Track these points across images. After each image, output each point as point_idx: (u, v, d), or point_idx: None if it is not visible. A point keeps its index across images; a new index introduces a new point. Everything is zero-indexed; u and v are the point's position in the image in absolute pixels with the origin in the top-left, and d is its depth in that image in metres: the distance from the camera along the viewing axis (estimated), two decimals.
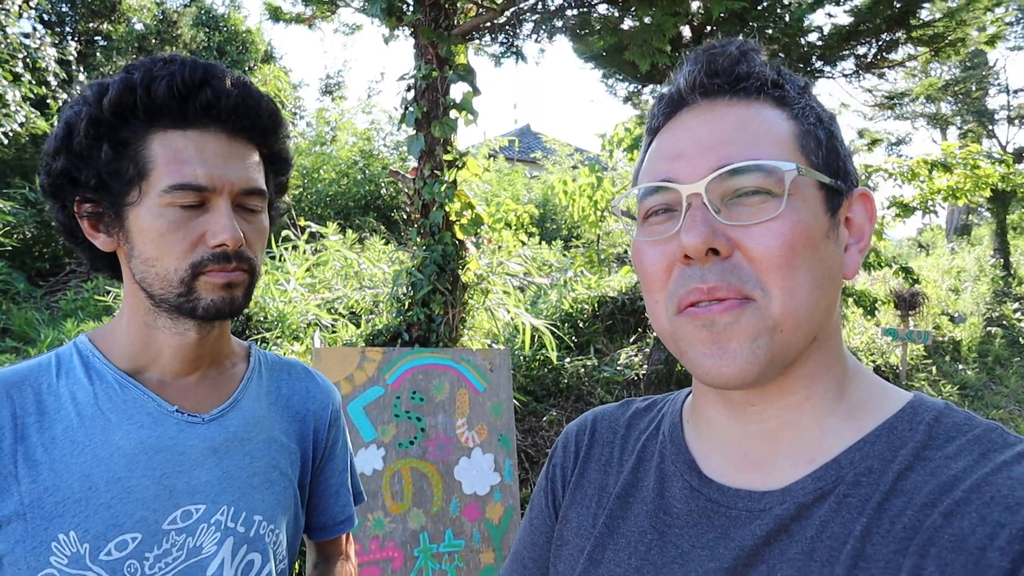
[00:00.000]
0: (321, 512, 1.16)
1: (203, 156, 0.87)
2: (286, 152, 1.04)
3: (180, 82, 0.86)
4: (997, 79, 17.53)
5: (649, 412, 0.83)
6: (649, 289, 0.66)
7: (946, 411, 0.61)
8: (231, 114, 0.90)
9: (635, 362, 5.79)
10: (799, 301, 0.59)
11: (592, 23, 3.78)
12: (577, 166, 11.48)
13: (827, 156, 0.64)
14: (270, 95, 0.98)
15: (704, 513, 0.66)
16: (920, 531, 0.52)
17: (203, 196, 0.87)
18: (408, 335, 4.03)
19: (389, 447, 3.07)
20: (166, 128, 0.87)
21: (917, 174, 7.17)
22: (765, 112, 0.64)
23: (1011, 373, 9.81)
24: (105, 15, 10.03)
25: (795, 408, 0.64)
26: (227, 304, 0.91)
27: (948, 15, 4.66)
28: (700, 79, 0.65)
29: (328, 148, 9.99)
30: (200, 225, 0.87)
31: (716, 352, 0.59)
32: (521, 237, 6.76)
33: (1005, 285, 13.92)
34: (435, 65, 3.88)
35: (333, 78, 15.10)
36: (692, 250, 0.59)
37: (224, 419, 0.98)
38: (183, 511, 0.91)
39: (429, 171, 4.02)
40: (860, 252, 0.67)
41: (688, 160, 0.63)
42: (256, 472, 0.98)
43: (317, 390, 1.14)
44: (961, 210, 20.54)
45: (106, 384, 0.91)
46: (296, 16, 4.55)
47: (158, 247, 0.87)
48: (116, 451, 0.88)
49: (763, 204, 0.59)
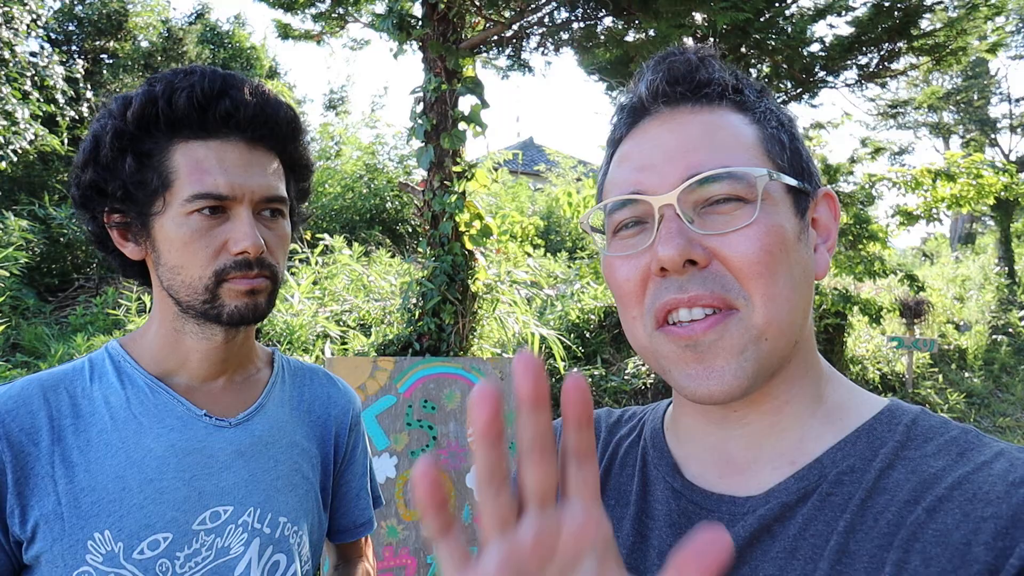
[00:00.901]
0: (342, 515, 1.18)
1: (224, 165, 0.89)
2: (306, 158, 1.06)
3: (200, 93, 0.88)
4: (999, 88, 17.63)
5: (630, 421, 0.82)
6: (625, 305, 0.65)
7: (922, 415, 0.62)
8: (250, 123, 0.92)
9: (642, 371, 5.80)
10: (781, 307, 0.59)
11: (597, 36, 3.84)
12: (580, 178, 11.54)
13: (791, 158, 0.65)
14: (292, 107, 1.01)
15: (685, 514, 0.65)
16: (903, 527, 0.53)
17: (224, 204, 0.90)
18: (419, 345, 4.06)
19: (402, 455, 3.09)
20: (187, 139, 0.90)
21: (921, 183, 7.21)
22: (728, 118, 0.64)
23: (1017, 381, 9.77)
24: (111, 33, 10.16)
25: (776, 412, 0.64)
26: (251, 310, 0.93)
27: (949, 24, 4.71)
28: (662, 87, 0.65)
29: (333, 162, 10.04)
30: (223, 233, 0.90)
31: (703, 372, 0.59)
32: (527, 249, 6.79)
33: (1010, 293, 13.90)
34: (444, 78, 3.94)
35: (337, 93, 15.23)
36: (669, 262, 0.58)
37: (250, 423, 1.00)
38: (212, 512, 0.93)
39: (439, 182, 4.06)
40: (828, 251, 0.67)
41: (656, 170, 0.62)
42: (280, 475, 1.00)
43: (338, 395, 1.16)
44: (965, 219, 20.54)
45: (137, 388, 0.94)
46: (305, 33, 4.63)
47: (183, 255, 0.90)
48: (148, 453, 0.90)
49: (737, 211, 0.59)
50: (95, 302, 5.90)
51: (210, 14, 12.82)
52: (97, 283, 6.69)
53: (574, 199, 8.24)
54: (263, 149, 0.95)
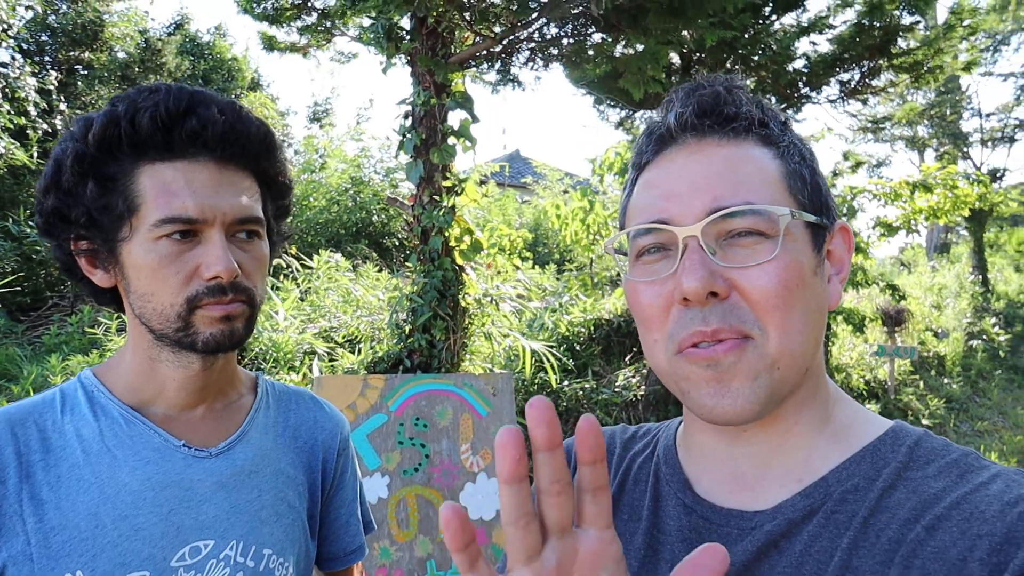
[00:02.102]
0: (331, 542, 1.15)
1: (192, 187, 0.85)
2: (284, 175, 1.01)
3: (164, 112, 0.84)
4: (970, 103, 18.07)
5: (645, 437, 0.84)
6: (647, 328, 0.67)
7: (925, 437, 0.64)
8: (219, 141, 0.87)
9: (633, 383, 5.80)
10: (794, 339, 0.61)
11: (587, 51, 3.87)
12: (567, 190, 11.57)
13: (812, 194, 0.67)
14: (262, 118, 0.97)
15: (695, 529, 0.67)
16: (904, 544, 0.55)
17: (195, 228, 0.85)
18: (410, 361, 4.02)
19: (394, 475, 3.04)
20: (154, 160, 0.85)
21: (900, 195, 7.34)
22: (753, 152, 0.66)
23: (993, 386, 9.96)
24: (87, 44, 9.97)
25: (785, 432, 0.66)
26: (227, 337, 0.89)
27: (926, 43, 4.82)
28: (691, 120, 0.67)
29: (318, 175, 9.97)
30: (194, 258, 0.86)
31: (719, 391, 0.61)
32: (515, 262, 6.79)
33: (984, 301, 14.19)
34: (433, 92, 3.93)
35: (321, 105, 15.14)
36: (693, 294, 0.60)
37: (231, 452, 0.96)
38: (192, 547, 0.89)
39: (428, 197, 4.04)
40: (841, 283, 0.69)
41: (681, 200, 0.64)
42: (264, 505, 0.97)
43: (325, 419, 1.13)
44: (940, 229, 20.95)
45: (111, 420, 0.90)
46: (291, 45, 4.59)
47: (152, 282, 0.86)
48: (122, 488, 0.86)
49: (757, 245, 0.61)
50: (70, 321, 5.75)
51: (190, 24, 12.63)
52: (72, 302, 6.52)
53: (562, 211, 8.27)
54: (235, 168, 0.90)
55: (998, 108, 18.13)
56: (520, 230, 7.85)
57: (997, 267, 16.91)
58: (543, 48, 3.95)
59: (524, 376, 5.05)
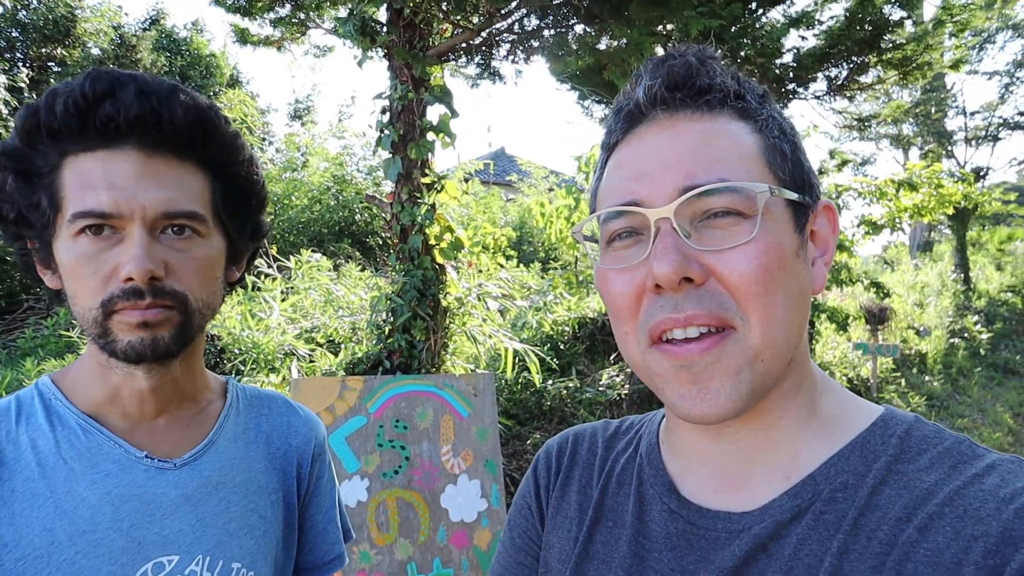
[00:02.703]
0: (309, 551, 1.08)
1: (110, 179, 0.77)
2: (238, 162, 0.89)
3: (80, 97, 0.75)
4: (955, 101, 18.27)
5: (627, 434, 0.81)
6: (618, 319, 0.63)
7: (916, 424, 0.61)
8: (137, 127, 0.77)
9: (617, 382, 5.76)
10: (777, 328, 0.58)
11: (569, 43, 3.80)
12: (552, 188, 11.52)
13: (793, 170, 0.63)
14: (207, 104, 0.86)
15: (683, 535, 0.65)
16: (896, 546, 0.52)
17: (111, 223, 0.77)
18: (389, 362, 3.93)
19: (373, 477, 2.99)
20: (77, 152, 0.78)
21: (885, 193, 7.36)
22: (729, 126, 0.62)
23: (973, 383, 10.07)
24: (59, 40, 9.76)
25: (769, 427, 0.63)
26: (148, 347, 0.79)
27: (915, 39, 4.81)
28: (660, 93, 0.62)
29: (299, 174, 9.86)
30: (113, 257, 0.77)
31: (696, 393, 0.58)
32: (499, 260, 6.72)
33: (966, 299, 14.36)
34: (411, 86, 3.84)
35: (303, 102, 14.96)
36: (664, 280, 0.56)
37: (197, 463, 0.91)
38: (154, 563, 0.84)
39: (407, 195, 3.95)
40: (826, 265, 0.65)
41: (652, 181, 0.60)
42: (233, 518, 0.92)
43: (299, 424, 1.07)
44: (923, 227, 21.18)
45: (68, 430, 0.84)
46: (265, 39, 4.48)
47: (73, 283, 0.79)
48: (80, 502, 0.81)
49: (735, 226, 0.58)
50: (46, 324, 5.63)
51: (166, 20, 12.42)
52: (48, 304, 6.37)
53: (546, 209, 8.22)
54: (166, 157, 0.80)
55: (982, 106, 18.37)
56: (504, 228, 7.78)
57: (979, 265, 17.10)
58: (524, 40, 3.87)
59: (506, 376, 4.98)
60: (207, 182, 0.86)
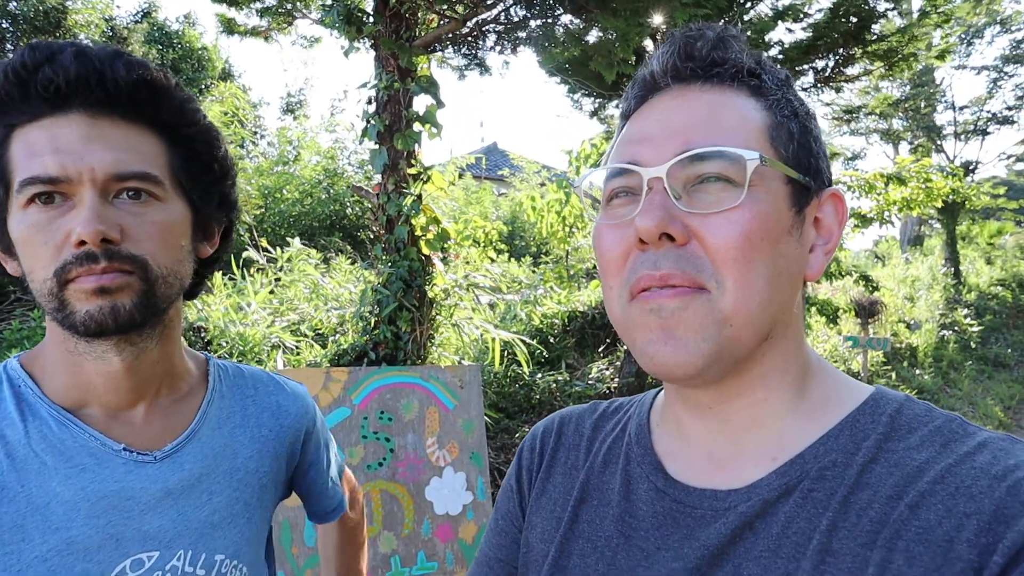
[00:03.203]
0: (314, 504, 1.16)
1: (55, 144, 0.74)
2: (191, 125, 0.86)
3: (19, 66, 0.73)
4: (944, 96, 18.31)
5: (616, 415, 0.81)
6: (605, 273, 0.65)
7: (907, 403, 0.61)
8: (76, 88, 0.74)
9: (606, 376, 5.78)
10: (752, 296, 0.57)
11: (556, 34, 3.78)
12: (544, 183, 11.51)
13: (798, 151, 0.62)
14: (150, 64, 0.82)
15: (670, 514, 0.65)
16: (887, 524, 0.52)
17: (60, 189, 0.74)
18: (375, 354, 3.92)
19: (357, 469, 2.97)
20: (24, 124, 0.75)
21: (874, 187, 7.38)
22: (738, 100, 0.62)
23: (964, 377, 10.14)
24: (49, 31, 9.67)
25: (755, 407, 0.63)
26: (108, 315, 0.75)
27: (901, 31, 4.83)
28: (674, 63, 0.64)
29: (291, 167, 9.81)
30: (64, 224, 0.74)
31: (662, 338, 0.58)
32: (490, 254, 6.71)
33: (956, 292, 14.43)
34: (396, 76, 3.82)
35: (295, 96, 14.87)
36: (645, 233, 0.57)
37: (179, 455, 0.87)
38: (133, 560, 0.81)
39: (393, 185, 3.93)
40: (826, 254, 0.65)
41: (654, 144, 0.61)
42: (217, 509, 0.89)
43: (289, 402, 1.04)
44: (914, 221, 21.25)
45: (40, 420, 0.80)
46: (252, 29, 4.44)
47: (27, 257, 0.76)
48: (54, 498, 0.78)
49: (723, 192, 0.58)
50: (33, 316, 5.60)
51: (158, 13, 12.34)
52: None
53: (538, 203, 8.20)
54: (113, 119, 0.78)
55: (971, 101, 18.41)
56: (495, 222, 7.77)
57: (969, 259, 17.18)
58: (510, 31, 3.86)
59: (494, 368, 4.98)
60: (162, 146, 0.82)
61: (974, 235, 18.64)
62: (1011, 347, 12.52)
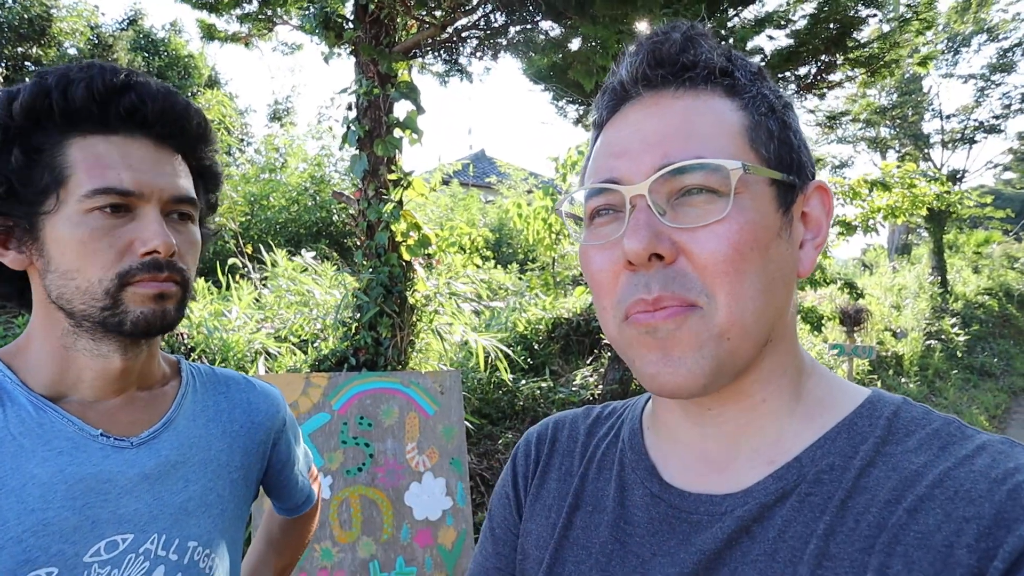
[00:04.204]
0: (286, 499, 1.20)
1: (128, 161, 0.83)
2: (216, 166, 1.00)
3: (100, 85, 0.82)
4: (931, 105, 18.51)
5: (609, 419, 0.80)
6: (598, 295, 0.64)
7: (904, 405, 0.60)
8: (157, 119, 0.86)
9: (590, 382, 5.77)
10: (746, 308, 0.56)
11: (537, 41, 3.79)
12: (532, 190, 11.54)
13: (779, 148, 0.61)
14: (201, 110, 0.95)
15: (665, 520, 0.64)
16: (885, 529, 0.51)
17: (129, 201, 0.82)
18: (355, 359, 3.90)
19: (336, 475, 2.96)
20: (86, 134, 0.82)
21: (859, 193, 7.43)
22: (713, 103, 0.61)
23: (949, 385, 10.19)
24: (34, 39, 9.65)
25: (751, 411, 0.62)
26: (158, 318, 0.84)
27: (882, 37, 4.87)
28: (643, 70, 0.62)
29: (277, 175, 9.81)
30: (127, 233, 0.82)
31: (660, 360, 0.57)
32: (476, 261, 6.70)
33: (943, 301, 14.54)
34: (376, 82, 3.82)
35: (281, 104, 14.88)
36: (634, 256, 0.56)
37: (156, 442, 0.90)
38: (108, 542, 0.83)
39: (373, 191, 3.93)
40: (816, 248, 0.64)
41: (631, 158, 0.60)
42: (191, 497, 0.92)
43: (260, 400, 1.08)
44: (901, 230, 21.44)
45: (18, 406, 0.83)
46: (232, 35, 4.44)
47: (80, 257, 0.81)
48: (30, 480, 0.80)
49: (709, 204, 0.57)
50: (17, 323, 5.55)
51: (144, 20, 12.35)
52: None
53: (524, 210, 8.21)
54: (170, 150, 0.89)
55: (958, 110, 18.62)
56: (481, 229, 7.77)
57: (956, 268, 17.34)
58: (490, 37, 3.87)
59: (479, 374, 4.96)
60: (193, 175, 0.94)
61: (961, 244, 18.82)
62: (997, 356, 12.61)
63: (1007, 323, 14.81)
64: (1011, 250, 19.96)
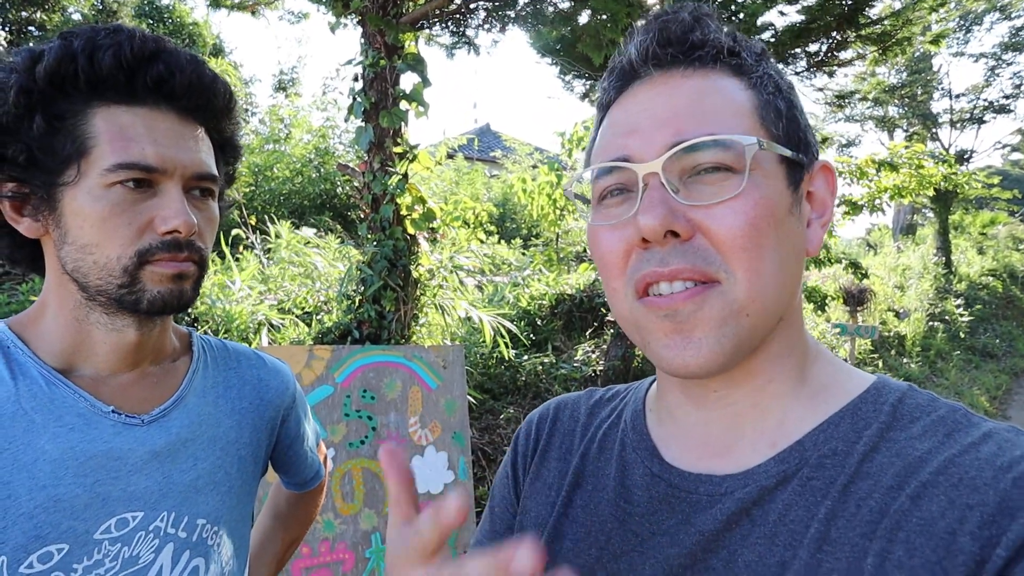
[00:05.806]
0: (295, 475, 1.20)
1: (153, 135, 0.81)
2: (237, 139, 0.98)
3: (129, 53, 0.79)
4: (941, 84, 18.25)
5: (612, 401, 0.80)
6: (607, 276, 0.63)
7: (909, 392, 0.60)
8: (185, 92, 0.83)
9: (592, 358, 5.79)
10: (765, 283, 0.56)
11: (546, 13, 3.73)
12: (537, 165, 11.46)
13: (788, 127, 0.61)
14: (228, 83, 0.92)
15: (665, 499, 0.64)
16: (887, 514, 0.51)
17: (152, 177, 0.80)
18: (359, 332, 3.91)
19: (339, 447, 2.98)
20: (110, 103, 0.80)
21: (865, 173, 7.36)
22: (722, 82, 0.61)
23: (951, 366, 10.21)
24: (38, 4, 9.54)
25: (757, 392, 0.62)
26: (175, 297, 0.84)
27: (894, 14, 4.78)
28: (652, 49, 0.62)
29: (282, 146, 9.74)
30: (148, 209, 0.81)
31: (680, 343, 0.57)
32: (479, 235, 6.68)
33: (946, 282, 14.51)
34: (383, 54, 3.77)
35: (287, 74, 14.72)
36: (650, 232, 0.55)
37: (166, 419, 0.90)
38: (118, 519, 0.83)
39: (379, 164, 3.90)
40: (822, 227, 0.64)
41: (642, 136, 0.59)
42: (201, 474, 0.92)
43: (270, 377, 1.08)
44: (907, 210, 21.31)
45: (30, 379, 0.81)
46: (238, 3, 4.37)
47: (99, 232, 0.79)
48: (41, 455, 0.79)
49: (724, 181, 0.56)
50: (21, 289, 5.56)
51: None
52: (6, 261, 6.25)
53: (529, 186, 8.17)
54: (195, 122, 0.87)
55: (968, 89, 18.36)
56: (485, 204, 7.74)
57: (961, 249, 17.26)
58: (499, 9, 3.80)
59: (483, 349, 4.98)
60: (216, 149, 0.92)
61: (967, 224, 18.72)
62: (999, 337, 12.62)
63: (1010, 304, 14.80)
64: (1016, 231, 19.86)
